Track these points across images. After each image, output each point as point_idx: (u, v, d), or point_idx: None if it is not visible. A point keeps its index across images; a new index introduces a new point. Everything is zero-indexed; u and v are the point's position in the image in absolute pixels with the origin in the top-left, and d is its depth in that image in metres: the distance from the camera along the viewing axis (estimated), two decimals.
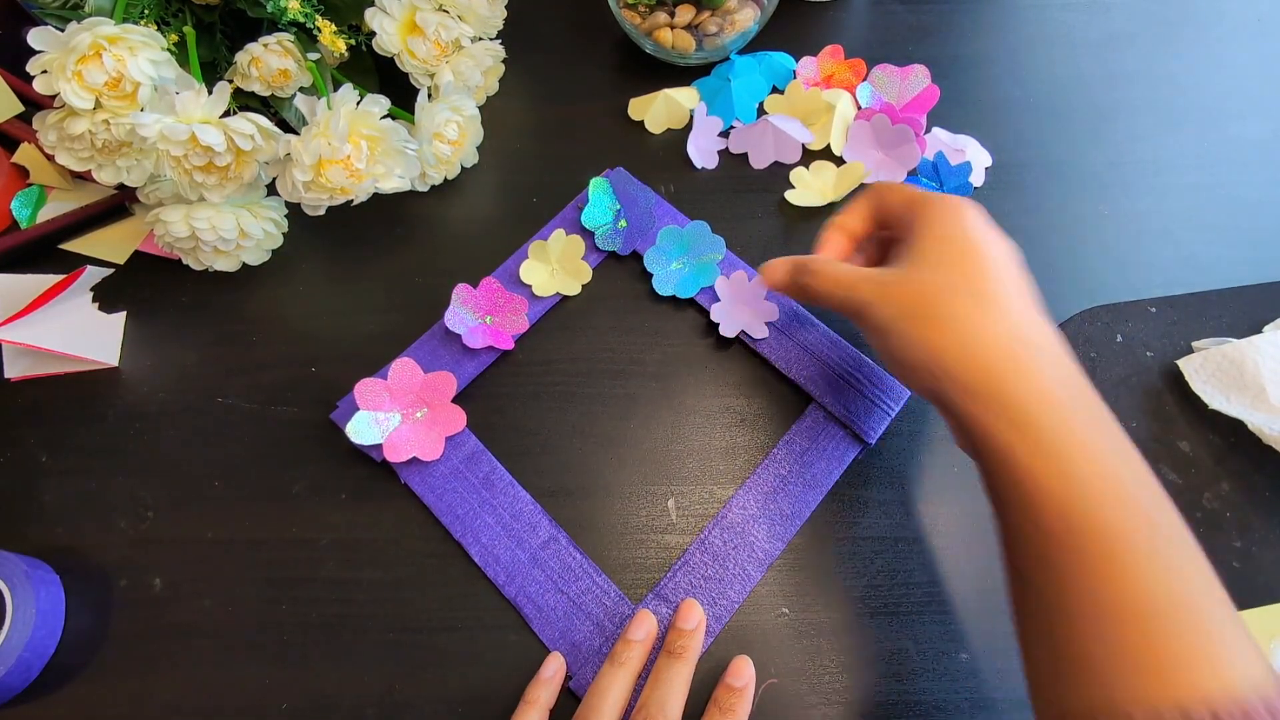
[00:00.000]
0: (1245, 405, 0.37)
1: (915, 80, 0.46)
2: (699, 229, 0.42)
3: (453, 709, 0.33)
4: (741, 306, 0.41)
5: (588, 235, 0.43)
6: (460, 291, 0.40)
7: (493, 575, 0.35)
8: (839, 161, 0.46)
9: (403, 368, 0.37)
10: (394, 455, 0.36)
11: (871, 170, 0.45)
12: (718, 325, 0.40)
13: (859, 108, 0.47)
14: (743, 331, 0.40)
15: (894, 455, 0.38)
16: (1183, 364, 0.39)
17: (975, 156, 0.46)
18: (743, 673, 0.33)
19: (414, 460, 0.37)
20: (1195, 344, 0.40)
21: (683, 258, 0.42)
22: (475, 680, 0.34)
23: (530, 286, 0.42)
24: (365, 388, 0.37)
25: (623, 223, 0.43)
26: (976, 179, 0.45)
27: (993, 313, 0.29)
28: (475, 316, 0.40)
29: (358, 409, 0.36)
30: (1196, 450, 0.38)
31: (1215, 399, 0.37)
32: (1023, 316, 0.29)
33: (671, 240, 0.42)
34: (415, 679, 0.34)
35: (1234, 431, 0.38)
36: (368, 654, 0.34)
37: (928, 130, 0.47)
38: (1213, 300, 0.41)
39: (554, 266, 0.43)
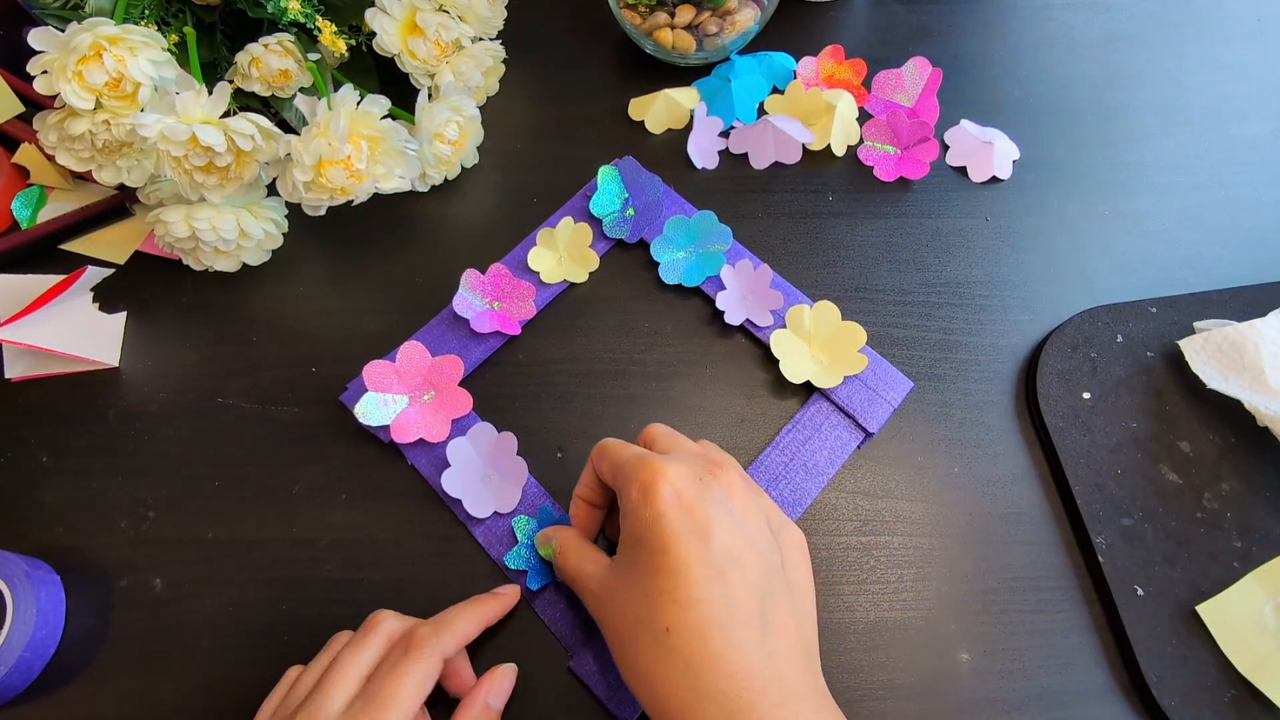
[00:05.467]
0: (1244, 387, 0.37)
1: (917, 74, 0.47)
2: (706, 218, 0.42)
3: (453, 708, 0.33)
4: (747, 295, 0.41)
5: (595, 223, 0.43)
6: (469, 277, 0.40)
7: (496, 556, 0.36)
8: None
9: (411, 351, 0.38)
10: (401, 436, 0.37)
11: None
12: (723, 313, 0.40)
13: (861, 110, 0.47)
14: (748, 320, 0.40)
15: (894, 454, 0.38)
16: (1184, 344, 0.39)
17: (1003, 149, 0.46)
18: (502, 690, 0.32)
19: (420, 442, 0.37)
20: (1197, 324, 0.40)
21: (689, 247, 0.43)
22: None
23: (538, 273, 0.42)
24: (374, 369, 0.37)
25: (630, 211, 0.43)
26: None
27: (675, 664, 0.26)
28: (483, 301, 0.41)
29: (366, 390, 0.37)
30: (1197, 450, 0.37)
31: (1214, 379, 0.37)
32: (709, 665, 0.26)
33: (678, 229, 0.42)
34: None
35: (1235, 432, 0.38)
36: None
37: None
38: (1213, 300, 0.41)
39: (562, 253, 0.43)
